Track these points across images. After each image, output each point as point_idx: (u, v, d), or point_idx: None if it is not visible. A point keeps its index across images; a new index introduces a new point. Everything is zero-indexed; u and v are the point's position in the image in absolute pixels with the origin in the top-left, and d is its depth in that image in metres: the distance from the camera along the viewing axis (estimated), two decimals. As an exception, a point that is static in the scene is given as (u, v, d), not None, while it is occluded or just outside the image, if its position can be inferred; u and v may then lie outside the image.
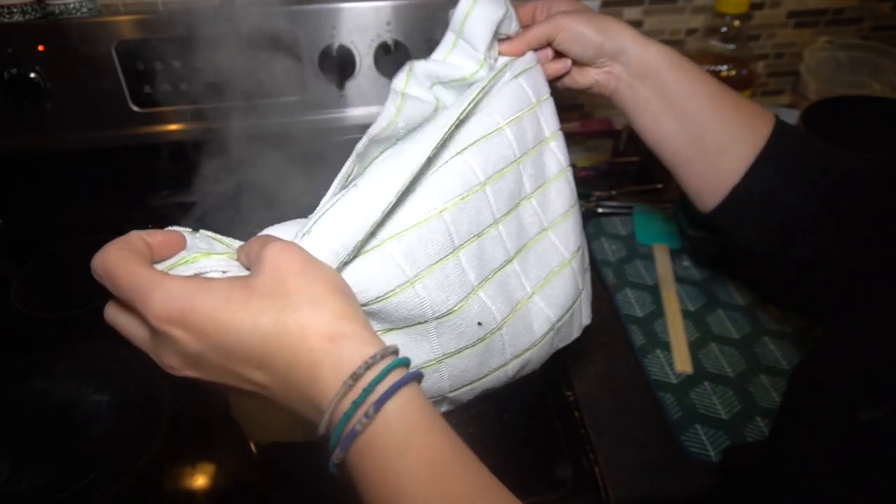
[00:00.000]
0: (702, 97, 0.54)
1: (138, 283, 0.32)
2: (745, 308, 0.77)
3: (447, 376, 0.44)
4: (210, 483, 0.60)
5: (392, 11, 0.80)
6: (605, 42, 0.53)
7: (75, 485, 0.58)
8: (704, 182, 0.56)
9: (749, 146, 0.54)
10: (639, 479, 0.60)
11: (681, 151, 0.56)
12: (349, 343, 0.32)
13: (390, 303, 0.40)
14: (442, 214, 0.42)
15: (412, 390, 0.32)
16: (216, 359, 0.33)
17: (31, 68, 0.76)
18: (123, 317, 0.35)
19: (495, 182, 0.46)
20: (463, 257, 0.44)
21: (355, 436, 0.30)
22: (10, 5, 0.76)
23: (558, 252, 0.50)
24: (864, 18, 1.04)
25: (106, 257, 0.33)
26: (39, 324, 0.76)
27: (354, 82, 0.84)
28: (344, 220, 0.37)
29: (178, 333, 0.32)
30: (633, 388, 0.68)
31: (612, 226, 0.90)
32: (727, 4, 0.88)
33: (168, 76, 0.79)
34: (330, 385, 0.31)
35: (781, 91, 1.11)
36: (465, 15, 0.49)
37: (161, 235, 0.36)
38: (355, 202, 0.38)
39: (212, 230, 0.40)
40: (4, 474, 0.59)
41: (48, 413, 0.65)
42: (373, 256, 0.39)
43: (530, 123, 0.50)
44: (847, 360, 0.43)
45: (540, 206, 0.50)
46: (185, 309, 0.32)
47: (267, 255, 0.33)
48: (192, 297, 0.32)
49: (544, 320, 0.48)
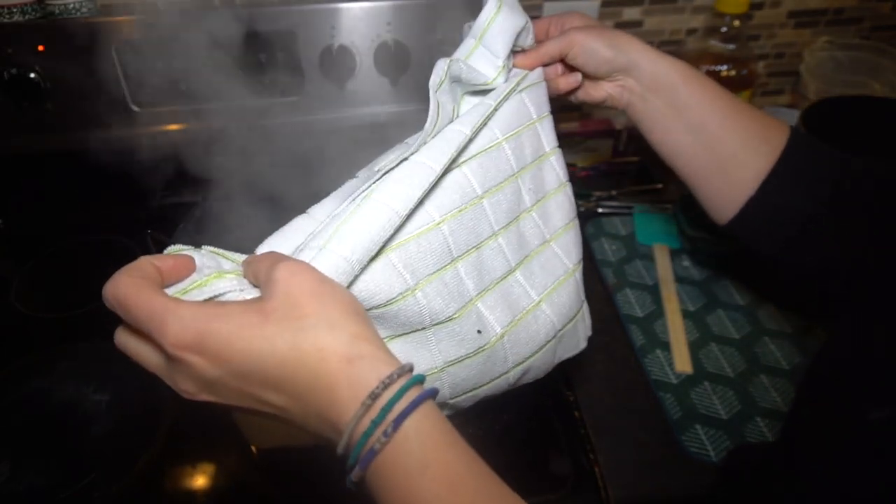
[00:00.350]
0: (715, 110, 0.54)
1: (152, 310, 0.32)
2: (745, 308, 0.77)
3: (448, 384, 0.45)
4: (210, 483, 0.60)
5: (392, 11, 0.80)
6: (617, 57, 0.54)
7: (75, 485, 0.58)
8: (719, 194, 0.56)
9: (763, 158, 0.54)
10: (639, 479, 0.60)
11: (695, 164, 0.56)
12: (366, 363, 0.32)
13: (391, 309, 0.41)
14: (440, 226, 0.43)
15: (428, 407, 0.33)
16: (233, 383, 0.33)
17: (31, 68, 0.76)
18: (136, 343, 0.35)
19: (493, 195, 0.47)
20: (461, 268, 0.44)
21: (374, 455, 0.31)
22: (10, 5, 0.76)
23: (562, 262, 0.51)
24: (864, 18, 1.04)
25: (117, 285, 0.33)
26: (39, 324, 0.76)
27: (354, 82, 0.84)
28: (362, 233, 0.38)
29: (194, 360, 0.32)
30: (633, 388, 0.68)
31: (612, 226, 0.90)
32: (727, 4, 0.88)
33: (168, 76, 0.79)
34: (348, 406, 0.31)
35: (781, 91, 1.11)
36: (488, 22, 0.49)
37: (171, 260, 0.36)
38: (373, 214, 0.38)
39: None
40: (4, 474, 0.59)
41: (48, 413, 0.65)
42: (377, 265, 0.40)
43: (529, 139, 0.51)
44: (857, 361, 0.44)
45: (541, 218, 0.51)
46: (201, 335, 0.32)
47: (278, 276, 0.33)
48: (208, 323, 0.32)
49: (549, 328, 0.49)
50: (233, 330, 0.32)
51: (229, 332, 0.32)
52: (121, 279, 0.33)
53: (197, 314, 0.32)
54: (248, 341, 0.32)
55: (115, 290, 0.33)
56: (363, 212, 0.38)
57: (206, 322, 0.32)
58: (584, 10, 0.80)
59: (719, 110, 0.54)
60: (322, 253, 0.36)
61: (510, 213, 0.48)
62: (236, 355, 0.32)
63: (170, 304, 0.33)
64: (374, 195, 0.39)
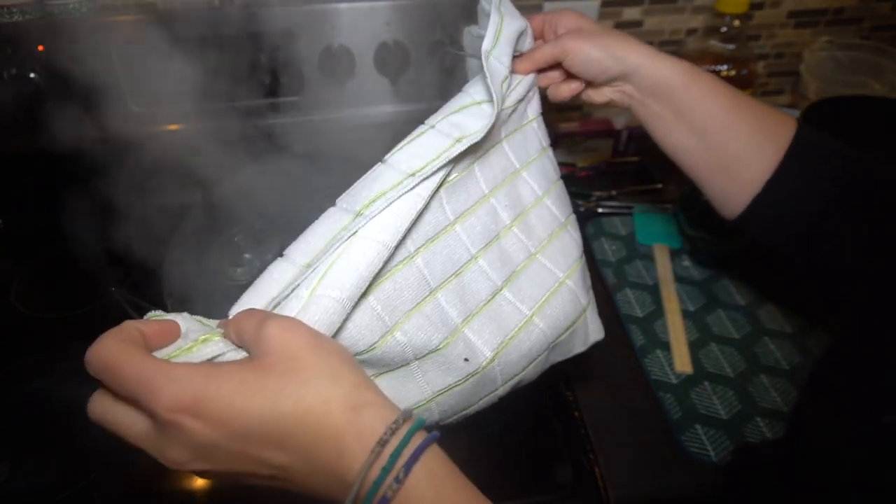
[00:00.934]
0: (716, 111, 0.54)
1: (142, 373, 0.31)
2: (745, 308, 0.77)
3: (438, 412, 0.44)
4: (210, 483, 0.60)
5: (392, 11, 0.80)
6: (614, 65, 0.54)
7: (75, 485, 0.58)
8: (726, 192, 0.56)
9: (769, 156, 0.53)
10: (639, 479, 0.60)
11: (699, 164, 0.56)
12: (370, 411, 0.32)
13: (374, 354, 0.40)
14: (413, 259, 0.43)
15: (434, 450, 0.33)
16: (233, 446, 0.31)
17: (31, 68, 0.76)
18: (117, 410, 0.33)
19: (465, 219, 0.46)
20: (442, 297, 0.44)
21: (387, 502, 0.30)
22: (10, 5, 0.76)
23: (552, 273, 0.50)
24: (864, 18, 1.04)
25: (102, 349, 0.32)
26: (39, 324, 0.76)
27: (354, 82, 0.84)
28: (350, 271, 0.37)
29: (190, 423, 0.30)
30: (633, 388, 0.68)
31: (612, 226, 0.90)
32: (727, 4, 0.88)
33: (168, 76, 0.79)
34: (357, 455, 0.31)
35: (781, 91, 1.11)
36: (498, 30, 0.49)
37: (156, 325, 0.34)
38: (362, 253, 0.38)
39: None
40: (4, 474, 0.59)
41: (48, 413, 0.65)
42: (357, 311, 0.39)
43: (498, 158, 0.50)
44: (866, 364, 0.43)
45: (523, 233, 0.50)
46: (199, 397, 0.30)
47: (271, 332, 0.33)
48: (206, 384, 0.31)
49: (542, 341, 0.48)
50: (232, 389, 0.31)
51: (229, 392, 0.31)
52: (107, 342, 0.32)
53: (193, 376, 0.31)
54: (248, 399, 0.31)
55: (102, 353, 0.31)
56: (351, 251, 0.38)
57: (203, 383, 0.31)
58: (583, 10, 0.80)
59: (722, 111, 0.54)
60: (312, 300, 0.36)
61: (486, 234, 0.48)
62: (236, 415, 0.31)
63: (162, 365, 0.31)
64: (360, 231, 0.39)
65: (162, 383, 0.30)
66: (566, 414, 0.66)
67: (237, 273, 0.74)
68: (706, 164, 0.56)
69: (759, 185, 0.54)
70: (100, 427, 0.33)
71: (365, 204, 0.40)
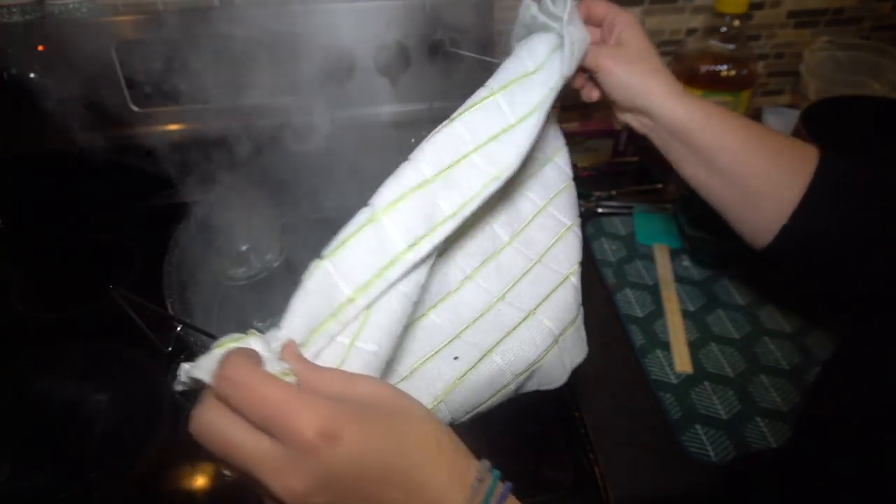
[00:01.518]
0: (735, 150, 0.53)
1: (286, 395, 0.30)
2: (745, 308, 0.77)
3: (448, 411, 0.45)
4: (210, 483, 0.60)
5: (392, 11, 0.80)
6: (637, 98, 0.54)
7: (75, 485, 0.58)
8: (751, 225, 0.56)
9: (792, 189, 0.53)
10: (639, 479, 0.60)
11: (721, 199, 0.56)
12: (464, 452, 0.35)
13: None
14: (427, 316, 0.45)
15: (514, 500, 0.35)
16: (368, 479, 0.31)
17: (31, 68, 0.76)
18: (237, 427, 0.30)
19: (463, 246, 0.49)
20: (434, 315, 0.46)
21: None
22: (10, 5, 0.76)
23: (555, 272, 0.51)
24: (864, 18, 1.04)
25: (235, 368, 0.30)
26: (39, 324, 0.76)
27: (354, 82, 0.84)
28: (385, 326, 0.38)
29: (330, 449, 0.29)
30: (633, 388, 0.68)
31: (612, 226, 0.90)
32: (727, 4, 0.87)
33: (168, 76, 0.79)
34: (456, 493, 0.33)
35: (781, 91, 1.11)
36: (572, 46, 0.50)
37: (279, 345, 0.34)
38: (392, 306, 0.39)
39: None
40: (4, 474, 0.59)
41: (48, 413, 0.65)
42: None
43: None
44: (873, 380, 0.43)
45: (522, 244, 0.51)
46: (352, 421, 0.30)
47: (364, 390, 0.34)
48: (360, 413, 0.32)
49: (547, 334, 0.48)
50: (380, 421, 0.32)
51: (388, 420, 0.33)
52: (238, 360, 0.30)
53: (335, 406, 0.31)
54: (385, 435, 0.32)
55: (234, 371, 0.30)
56: (384, 304, 0.38)
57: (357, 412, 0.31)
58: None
59: (740, 150, 0.53)
60: (353, 351, 0.37)
61: (483, 254, 0.49)
62: (374, 449, 0.31)
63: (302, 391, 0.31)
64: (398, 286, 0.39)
65: (315, 401, 0.30)
66: (566, 414, 0.66)
67: (237, 273, 0.74)
68: (728, 199, 0.55)
69: (785, 216, 0.53)
70: (200, 444, 0.32)
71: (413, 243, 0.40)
